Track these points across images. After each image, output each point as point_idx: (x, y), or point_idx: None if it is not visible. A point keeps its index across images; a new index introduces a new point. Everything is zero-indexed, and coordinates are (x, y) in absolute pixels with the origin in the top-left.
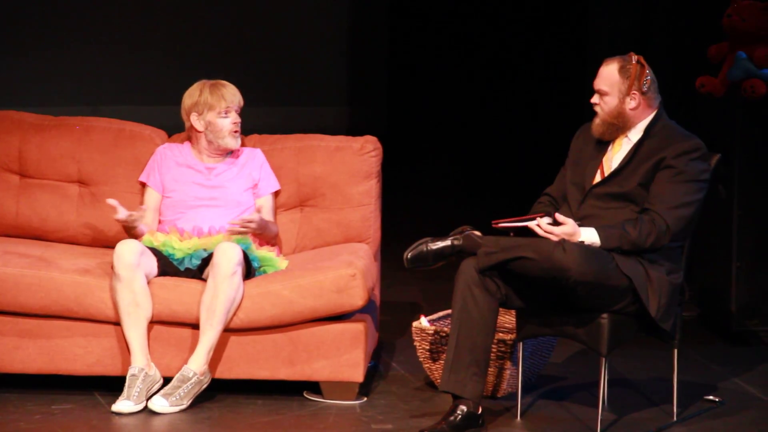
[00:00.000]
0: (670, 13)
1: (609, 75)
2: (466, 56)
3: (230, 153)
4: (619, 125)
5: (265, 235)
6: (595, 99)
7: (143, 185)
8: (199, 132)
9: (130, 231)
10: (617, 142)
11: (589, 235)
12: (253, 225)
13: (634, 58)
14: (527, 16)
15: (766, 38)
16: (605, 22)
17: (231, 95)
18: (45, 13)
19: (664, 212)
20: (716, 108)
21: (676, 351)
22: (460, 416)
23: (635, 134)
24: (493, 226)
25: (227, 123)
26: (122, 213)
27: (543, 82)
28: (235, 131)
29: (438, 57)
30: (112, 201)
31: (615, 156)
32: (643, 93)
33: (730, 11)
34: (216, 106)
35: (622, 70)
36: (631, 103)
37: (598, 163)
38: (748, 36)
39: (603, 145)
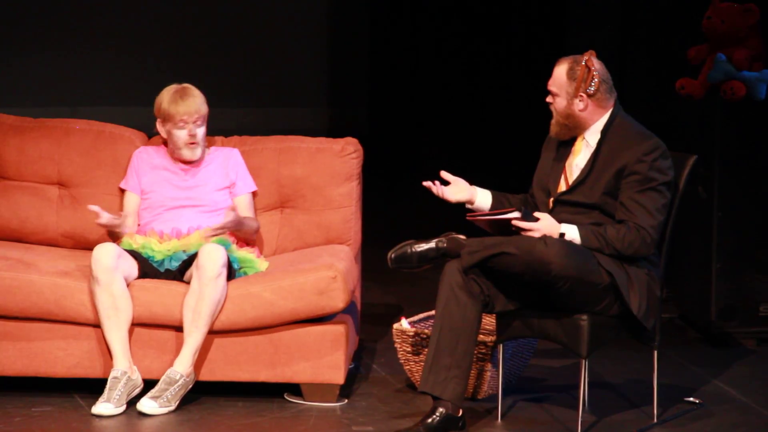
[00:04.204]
0: (651, 15)
1: (558, 76)
2: (448, 57)
3: (205, 155)
4: (571, 126)
5: (243, 231)
6: (548, 99)
7: (122, 191)
8: (165, 138)
9: (114, 235)
10: (577, 145)
11: (570, 231)
12: (229, 225)
13: (584, 59)
14: (508, 17)
15: (746, 40)
16: (586, 24)
17: (187, 107)
18: (22, 16)
19: (646, 223)
20: (696, 110)
21: (656, 352)
22: (438, 418)
23: (593, 136)
24: (468, 218)
25: (183, 135)
26: (104, 217)
27: (524, 83)
28: (192, 143)
29: (419, 58)
30: (93, 207)
31: (576, 160)
32: (590, 95)
33: (710, 13)
34: (172, 117)
35: (570, 72)
36: (579, 105)
37: (561, 168)
38: (728, 38)
39: (565, 148)
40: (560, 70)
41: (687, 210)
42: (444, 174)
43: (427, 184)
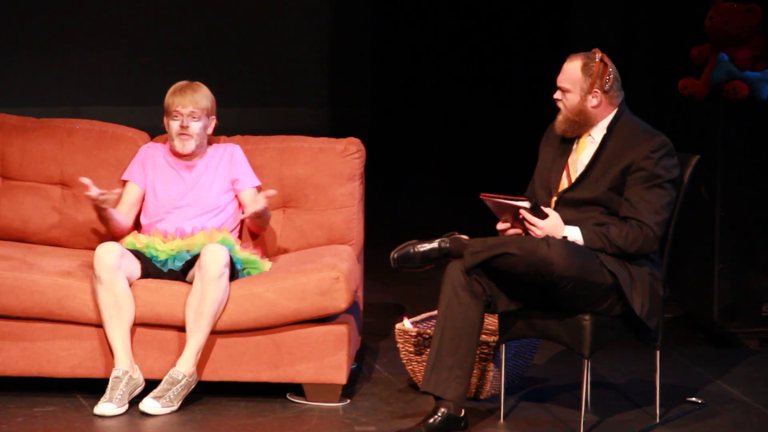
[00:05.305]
0: (653, 14)
1: (572, 72)
2: (450, 57)
3: (207, 152)
4: (581, 122)
5: (263, 218)
6: (557, 95)
7: (124, 183)
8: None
9: (101, 213)
10: (581, 142)
11: (573, 233)
12: (263, 209)
13: (598, 55)
14: (510, 16)
15: (748, 40)
16: (588, 23)
17: (181, 98)
18: (25, 16)
19: (649, 220)
20: (699, 110)
21: (658, 352)
22: (440, 418)
23: (598, 133)
24: (481, 197)
25: (175, 126)
26: (94, 191)
27: (526, 82)
28: (182, 134)
29: (421, 57)
30: (85, 179)
31: (580, 157)
32: (605, 91)
33: (713, 13)
34: (169, 108)
35: (585, 68)
36: (592, 101)
37: (564, 165)
38: (731, 38)
39: (567, 145)
40: (574, 66)
41: (689, 210)
42: (543, 208)
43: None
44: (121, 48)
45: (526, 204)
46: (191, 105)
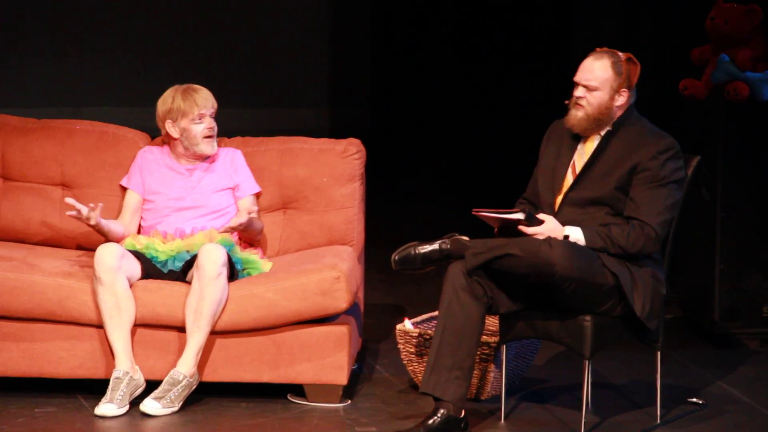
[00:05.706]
0: (654, 15)
1: (601, 70)
2: (450, 57)
3: (208, 156)
4: (603, 121)
5: (249, 231)
6: (580, 92)
7: (123, 189)
8: (175, 139)
9: (94, 228)
10: (589, 141)
11: (575, 233)
12: (240, 227)
13: (622, 55)
14: (511, 16)
15: (749, 41)
16: (590, 24)
17: (203, 100)
18: (25, 16)
19: (651, 220)
20: (699, 111)
21: (659, 353)
22: (439, 419)
23: (605, 130)
24: (473, 213)
25: (201, 129)
26: (75, 210)
27: (528, 83)
28: (210, 136)
29: (421, 58)
30: (69, 200)
31: (589, 156)
32: (631, 90)
33: (713, 14)
34: (189, 113)
35: (615, 66)
36: (619, 100)
37: (569, 164)
38: (731, 39)
39: (573, 143)
40: (603, 65)
41: (690, 211)
42: (538, 215)
43: None
44: (122, 48)
45: (520, 216)
46: (212, 106)
